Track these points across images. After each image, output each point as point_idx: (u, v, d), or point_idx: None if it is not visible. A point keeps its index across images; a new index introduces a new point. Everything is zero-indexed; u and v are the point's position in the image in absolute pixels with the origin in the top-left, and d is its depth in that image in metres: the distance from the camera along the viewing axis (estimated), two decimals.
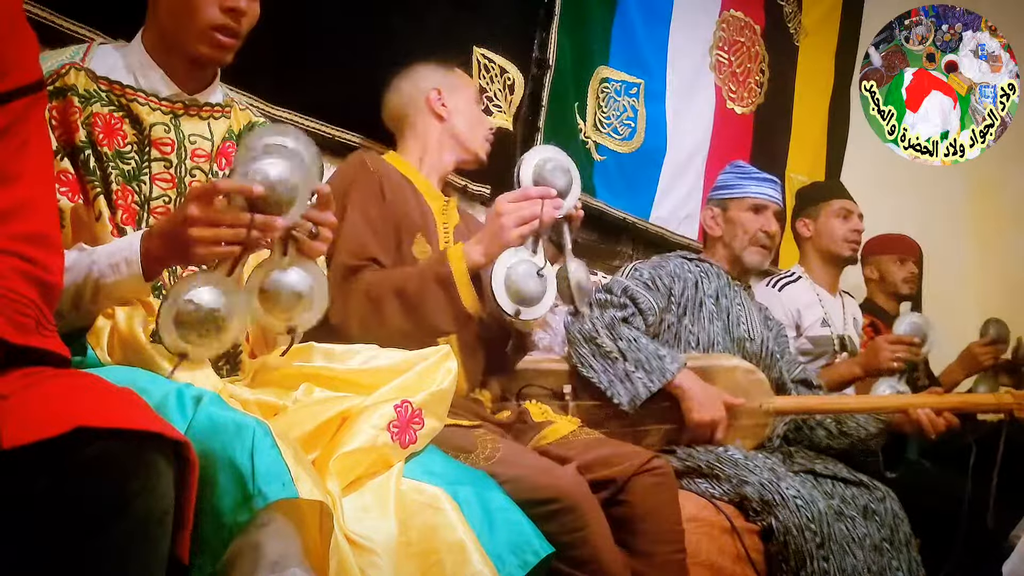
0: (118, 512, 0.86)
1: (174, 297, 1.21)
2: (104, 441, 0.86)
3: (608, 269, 3.10)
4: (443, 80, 2.07)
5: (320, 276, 1.32)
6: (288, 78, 2.15)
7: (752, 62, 3.70)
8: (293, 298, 1.28)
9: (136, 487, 0.87)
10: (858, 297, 3.40)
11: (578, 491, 1.51)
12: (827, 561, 1.91)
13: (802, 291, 3.01)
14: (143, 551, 0.89)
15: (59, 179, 1.33)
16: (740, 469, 2.06)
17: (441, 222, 1.93)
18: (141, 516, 0.88)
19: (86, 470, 0.85)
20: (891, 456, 2.42)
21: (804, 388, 2.48)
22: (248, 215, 1.19)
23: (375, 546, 1.13)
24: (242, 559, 1.02)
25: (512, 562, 1.25)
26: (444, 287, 1.65)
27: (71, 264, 1.26)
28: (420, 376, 1.32)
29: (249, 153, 1.23)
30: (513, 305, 1.63)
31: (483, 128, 2.08)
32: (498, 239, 1.64)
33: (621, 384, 2.12)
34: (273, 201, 1.21)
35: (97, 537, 0.85)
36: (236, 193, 1.20)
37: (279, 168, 1.21)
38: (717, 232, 2.50)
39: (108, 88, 1.41)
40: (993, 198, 4.19)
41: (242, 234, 1.20)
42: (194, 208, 1.19)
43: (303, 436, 1.19)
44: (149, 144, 1.43)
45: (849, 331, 3.04)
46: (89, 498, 0.85)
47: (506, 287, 1.62)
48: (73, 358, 1.21)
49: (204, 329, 1.21)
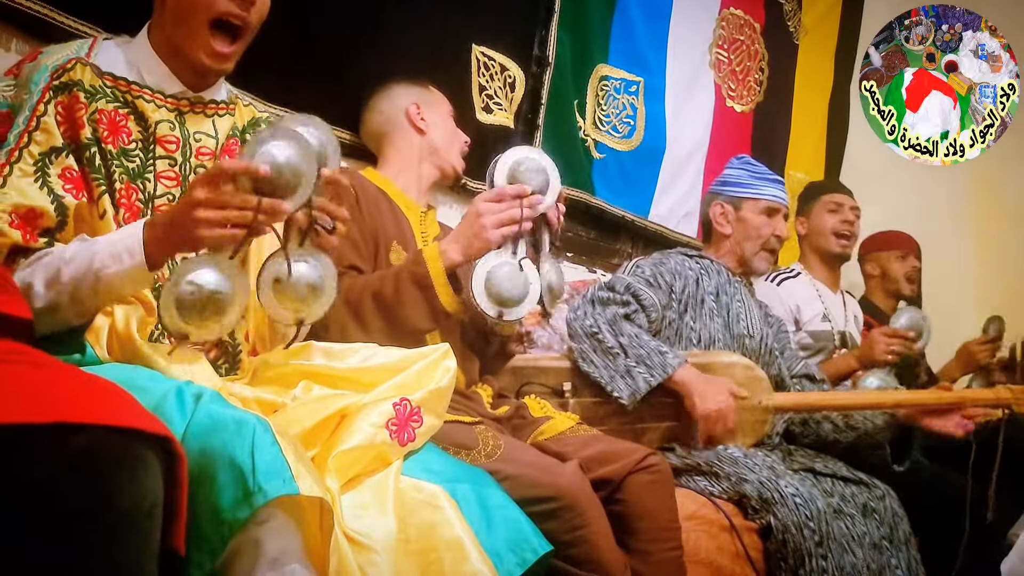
0: (104, 505, 0.86)
1: (176, 278, 1.21)
2: (87, 434, 0.86)
3: (607, 267, 3.10)
4: (420, 96, 2.11)
5: (332, 269, 1.32)
6: (286, 76, 2.15)
7: (752, 60, 3.70)
8: (306, 289, 1.28)
9: (121, 480, 0.87)
10: (856, 295, 3.40)
11: (578, 489, 1.50)
12: (826, 559, 1.91)
13: (801, 286, 3.02)
14: (131, 544, 0.88)
15: (64, 176, 1.33)
16: (739, 467, 2.06)
17: (419, 231, 1.94)
18: (127, 509, 0.88)
19: (69, 463, 0.85)
20: (898, 450, 2.41)
21: (808, 382, 2.47)
22: (255, 198, 1.19)
23: (374, 544, 1.13)
24: (241, 556, 1.02)
25: (510, 560, 1.24)
26: (421, 287, 1.65)
27: (72, 255, 1.26)
28: (419, 374, 1.32)
29: (257, 137, 1.23)
30: (495, 308, 1.62)
31: (459, 142, 2.13)
32: (479, 239, 1.64)
33: (622, 379, 2.12)
34: (280, 184, 1.21)
35: (84, 530, 0.85)
36: (242, 173, 1.19)
37: (286, 151, 1.22)
38: (727, 230, 2.48)
39: (113, 84, 1.40)
40: (993, 197, 4.20)
41: (248, 217, 1.19)
42: (201, 191, 1.19)
43: (302, 433, 1.19)
44: (154, 142, 1.42)
45: (850, 327, 3.05)
46: (74, 492, 0.85)
47: (487, 290, 1.62)
48: (72, 356, 1.22)
49: (205, 311, 1.21)
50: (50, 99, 1.34)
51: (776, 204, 2.46)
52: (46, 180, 1.31)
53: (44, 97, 1.34)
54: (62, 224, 1.32)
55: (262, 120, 1.59)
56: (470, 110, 2.63)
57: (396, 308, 1.65)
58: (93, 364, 1.21)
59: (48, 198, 1.31)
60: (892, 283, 3.33)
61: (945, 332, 3.08)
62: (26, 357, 0.96)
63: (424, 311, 1.65)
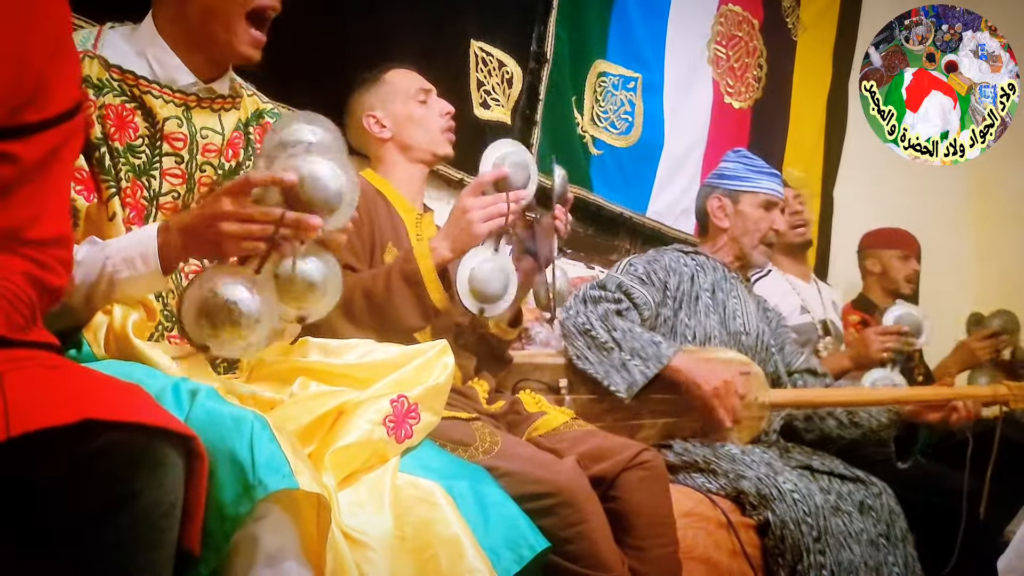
0: (125, 504, 0.86)
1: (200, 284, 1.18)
2: (112, 433, 0.85)
3: (605, 263, 3.10)
4: (373, 99, 2.03)
5: (335, 267, 1.30)
6: (282, 73, 2.14)
7: (750, 56, 3.70)
8: (307, 287, 1.26)
9: (143, 480, 0.87)
10: (852, 292, 3.40)
11: (576, 485, 1.51)
12: (823, 555, 1.91)
13: (774, 283, 3.00)
14: (150, 543, 0.89)
15: (74, 177, 1.30)
16: (737, 464, 2.06)
17: (414, 233, 1.93)
18: (148, 508, 0.88)
19: (94, 462, 0.85)
20: (902, 447, 2.41)
21: (810, 376, 2.47)
22: (279, 211, 1.16)
23: (370, 540, 1.13)
24: (239, 552, 1.02)
25: (507, 557, 1.24)
26: (411, 284, 1.65)
27: (82, 258, 1.24)
28: (416, 371, 1.32)
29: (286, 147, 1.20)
30: (477, 304, 1.63)
31: (434, 123, 2.01)
32: (467, 234, 1.64)
33: (617, 373, 2.11)
34: (306, 200, 1.17)
35: (104, 528, 0.85)
36: (268, 183, 1.17)
37: (316, 167, 1.19)
38: (724, 224, 2.46)
39: (121, 77, 1.37)
40: (992, 196, 4.20)
41: (269, 230, 1.17)
42: (227, 203, 1.17)
43: (299, 430, 1.18)
44: (161, 138, 1.40)
45: (830, 315, 3.05)
46: (97, 490, 0.85)
47: (470, 287, 1.62)
48: (68, 351, 1.21)
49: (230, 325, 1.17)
50: None
51: (774, 198, 2.45)
52: None
53: None
54: (73, 225, 1.29)
55: (266, 112, 1.57)
56: (468, 106, 2.63)
57: (387, 306, 1.65)
58: (89, 361, 1.20)
59: None
60: (891, 282, 3.33)
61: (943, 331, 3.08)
62: (37, 361, 0.95)
63: (414, 308, 1.65)
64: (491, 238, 1.66)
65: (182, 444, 0.92)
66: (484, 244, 1.65)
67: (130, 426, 0.86)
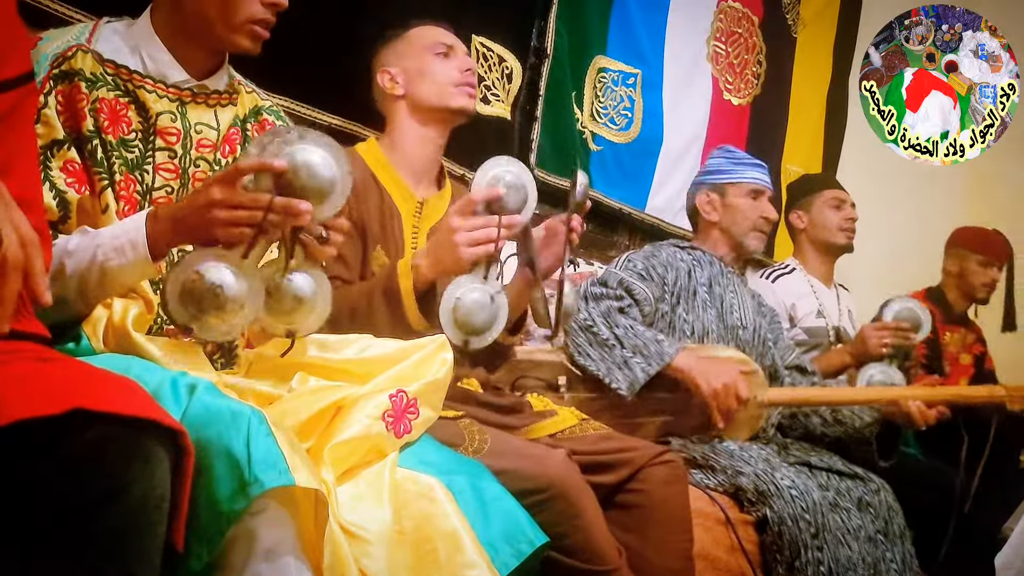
0: (114, 497, 0.86)
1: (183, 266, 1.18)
2: (102, 426, 0.85)
3: (604, 259, 3.09)
4: (389, 54, 1.94)
5: (324, 282, 1.29)
6: (283, 64, 2.13)
7: (749, 53, 3.69)
8: (295, 302, 1.25)
9: (133, 473, 0.87)
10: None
11: (568, 478, 1.50)
12: (821, 551, 1.92)
13: (796, 282, 3.00)
14: (139, 537, 0.89)
15: (65, 169, 1.31)
16: (735, 460, 2.06)
17: (410, 227, 1.84)
18: (137, 502, 0.87)
19: (83, 454, 0.85)
20: (885, 445, 2.42)
21: (798, 374, 2.48)
22: (267, 196, 1.16)
23: (369, 535, 1.13)
24: (236, 547, 1.02)
25: (506, 551, 1.24)
26: (390, 303, 1.59)
27: (74, 248, 1.24)
28: (415, 366, 1.32)
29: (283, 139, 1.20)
30: (461, 336, 1.53)
31: (447, 77, 1.87)
32: (450, 257, 1.54)
33: (619, 371, 2.11)
34: (298, 186, 1.18)
35: (93, 521, 0.85)
36: (257, 169, 1.17)
37: (311, 153, 1.19)
38: (714, 217, 2.47)
39: (115, 72, 1.37)
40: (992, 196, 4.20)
41: (257, 216, 1.17)
42: (217, 190, 1.17)
43: (298, 425, 1.18)
44: (154, 133, 1.39)
45: (844, 323, 3.03)
46: (86, 482, 0.85)
47: (454, 318, 1.53)
48: (66, 345, 1.21)
49: (214, 309, 1.17)
50: (50, 90, 1.31)
51: (760, 186, 2.46)
52: (48, 174, 1.29)
53: (44, 88, 1.31)
54: (64, 218, 1.30)
55: (264, 109, 1.56)
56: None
57: (368, 324, 1.56)
58: (88, 354, 1.20)
59: (50, 193, 1.29)
60: (967, 288, 3.27)
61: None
62: (29, 354, 0.95)
63: (396, 328, 1.57)
64: (480, 264, 1.56)
65: (171, 438, 0.91)
66: (473, 272, 1.56)
67: (120, 418, 0.86)
